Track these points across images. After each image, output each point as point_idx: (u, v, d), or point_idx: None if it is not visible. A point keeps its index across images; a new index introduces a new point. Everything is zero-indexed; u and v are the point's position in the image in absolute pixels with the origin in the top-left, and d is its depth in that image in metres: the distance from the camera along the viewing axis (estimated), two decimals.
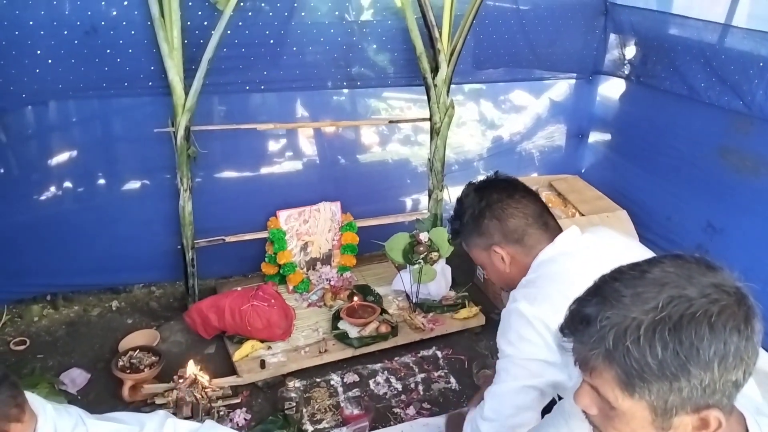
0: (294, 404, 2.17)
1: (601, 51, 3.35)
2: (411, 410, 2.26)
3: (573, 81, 3.53)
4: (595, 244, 1.54)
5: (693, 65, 2.78)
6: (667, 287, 0.83)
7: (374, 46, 2.87)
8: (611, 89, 3.46)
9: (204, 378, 2.15)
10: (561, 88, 3.61)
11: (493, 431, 1.52)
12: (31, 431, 1.24)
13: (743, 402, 0.93)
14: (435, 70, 2.77)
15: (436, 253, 2.65)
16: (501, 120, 3.64)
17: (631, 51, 3.19)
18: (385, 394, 2.34)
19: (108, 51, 2.35)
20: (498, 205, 1.57)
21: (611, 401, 0.87)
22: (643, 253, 1.49)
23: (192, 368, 2.15)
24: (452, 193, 3.18)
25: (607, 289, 0.87)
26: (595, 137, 3.59)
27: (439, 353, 2.56)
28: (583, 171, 3.56)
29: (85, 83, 2.40)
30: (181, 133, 2.45)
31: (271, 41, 2.60)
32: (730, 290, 0.83)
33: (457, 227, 1.66)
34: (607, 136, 3.54)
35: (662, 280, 0.84)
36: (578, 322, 0.87)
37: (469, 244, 1.66)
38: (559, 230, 1.59)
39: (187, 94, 2.40)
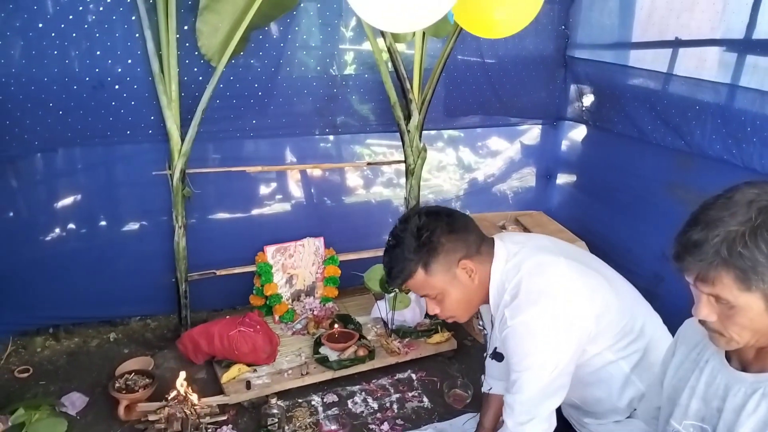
0: (276, 420, 2.36)
1: (563, 99, 3.67)
2: (385, 426, 2.43)
3: (539, 127, 3.84)
4: (522, 239, 1.78)
5: (640, 110, 3.07)
6: (753, 203, 1.06)
7: (354, 97, 3.17)
8: (574, 134, 3.76)
9: (193, 396, 2.34)
10: (531, 133, 3.91)
11: (540, 425, 1.60)
12: None
13: None
14: (408, 117, 3.07)
15: None
16: (477, 164, 3.92)
17: (588, 99, 3.50)
18: (362, 412, 2.52)
19: (113, 103, 2.64)
20: (453, 222, 1.63)
21: (731, 300, 1.08)
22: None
23: (181, 380, 2.33)
24: None
25: (705, 217, 1.09)
26: (562, 177, 3.87)
27: (413, 375, 2.75)
28: (550, 208, 3.82)
29: (91, 132, 2.67)
30: (177, 175, 2.72)
31: (260, 93, 2.90)
32: None
33: (416, 255, 1.60)
34: (572, 176, 3.82)
35: (745, 198, 1.08)
36: (691, 247, 1.08)
37: (431, 269, 1.60)
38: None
39: (183, 140, 2.68)
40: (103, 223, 2.95)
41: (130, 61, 2.60)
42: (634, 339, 1.70)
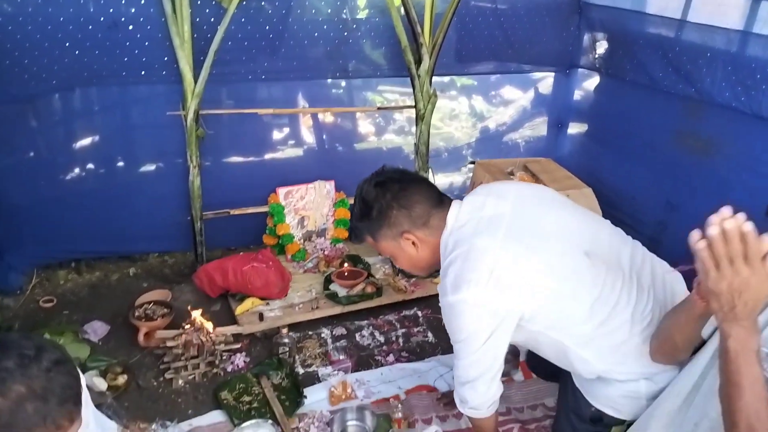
0: (287, 350, 2.49)
1: (576, 47, 3.65)
2: (391, 357, 2.56)
3: (552, 75, 3.83)
4: (479, 204, 1.65)
5: (653, 57, 3.07)
6: None
7: (365, 41, 3.19)
8: (587, 82, 3.75)
9: (208, 324, 2.47)
10: (544, 82, 3.91)
11: (479, 394, 1.66)
12: None
13: None
14: (418, 62, 3.09)
15: None
16: (489, 112, 3.94)
17: (601, 46, 3.48)
18: (369, 345, 2.65)
19: (127, 43, 2.69)
20: (402, 194, 1.65)
21: None
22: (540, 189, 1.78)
23: (197, 314, 2.46)
24: (437, 175, 3.49)
25: None
26: (573, 126, 3.89)
27: (419, 312, 2.87)
28: (561, 156, 3.85)
29: (107, 72, 2.73)
30: (190, 116, 2.78)
31: (271, 36, 2.93)
32: None
33: (363, 224, 1.70)
34: (583, 125, 3.83)
35: None
36: None
37: (378, 237, 1.70)
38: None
39: (196, 81, 2.73)
40: (121, 162, 3.05)
41: (143, 1, 2.64)
42: (599, 322, 1.58)
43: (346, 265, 3.01)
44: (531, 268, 1.54)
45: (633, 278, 1.63)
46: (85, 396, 1.33)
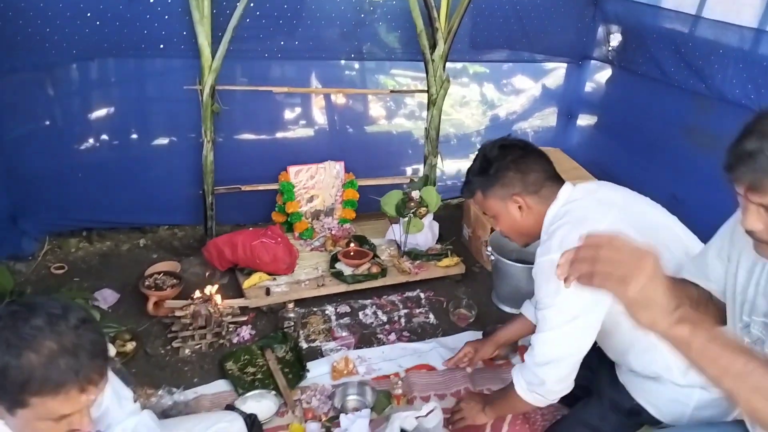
0: (292, 324, 2.55)
1: (591, 38, 3.66)
2: (392, 336, 2.61)
3: (564, 66, 3.85)
4: (593, 189, 1.79)
5: (665, 51, 3.08)
6: None
7: (381, 24, 3.21)
8: (598, 74, 3.77)
9: (217, 296, 2.52)
10: (556, 72, 3.93)
11: (561, 373, 1.65)
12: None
13: None
14: (433, 46, 3.11)
15: (424, 209, 3.00)
16: (500, 100, 3.96)
17: (615, 39, 3.50)
18: (372, 323, 2.70)
19: (147, 16, 2.72)
20: (521, 159, 1.77)
21: None
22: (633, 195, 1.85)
23: (211, 289, 2.52)
24: (446, 161, 3.53)
25: (760, 127, 1.09)
26: (583, 117, 3.91)
27: (422, 294, 2.92)
28: (570, 147, 3.87)
29: (126, 44, 2.77)
30: (207, 90, 2.82)
31: (288, 14, 2.96)
32: None
33: (479, 179, 1.81)
34: (593, 116, 3.86)
35: None
36: (745, 157, 1.08)
37: (488, 194, 1.81)
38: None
39: (213, 56, 2.77)
40: (135, 134, 3.10)
41: None
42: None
43: (352, 245, 3.06)
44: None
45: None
46: None
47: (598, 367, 1.89)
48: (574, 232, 1.59)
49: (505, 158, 1.77)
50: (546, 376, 1.67)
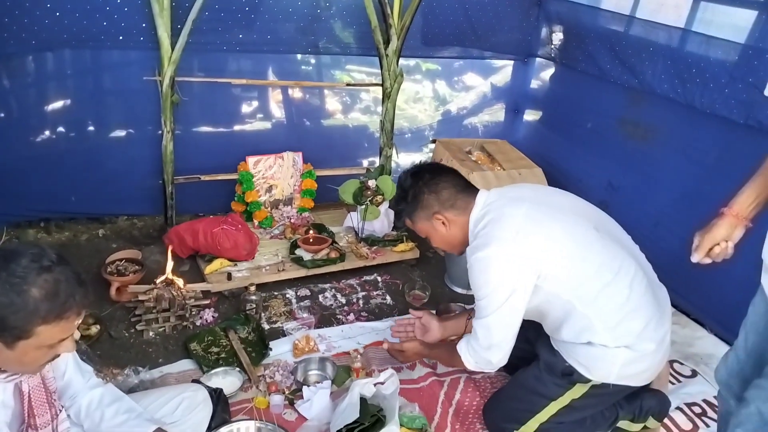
0: (254, 306, 2.64)
1: (535, 37, 3.87)
2: (351, 317, 2.74)
3: (512, 63, 4.06)
4: (505, 189, 2.03)
5: (602, 50, 3.32)
6: None
7: (336, 19, 3.33)
8: (543, 71, 3.99)
9: (179, 280, 2.60)
10: (504, 70, 4.13)
11: (502, 353, 1.90)
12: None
13: None
14: (387, 42, 3.26)
15: (381, 197, 3.14)
16: (451, 96, 4.14)
17: (557, 37, 3.72)
18: (331, 305, 2.83)
19: (107, 8, 2.76)
20: (432, 181, 1.99)
21: None
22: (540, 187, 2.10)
23: (169, 270, 2.59)
24: (400, 153, 3.67)
25: None
26: (528, 112, 4.13)
27: (378, 278, 3.06)
28: (516, 139, 4.09)
29: (86, 35, 2.80)
30: (166, 81, 2.89)
31: (246, 8, 3.05)
32: None
33: (402, 208, 2.05)
34: (538, 111, 4.08)
35: None
36: None
37: (414, 219, 2.03)
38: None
39: (173, 48, 2.83)
40: (94, 125, 3.12)
41: None
42: (604, 283, 1.82)
43: (311, 232, 3.17)
44: (550, 232, 1.84)
45: (632, 254, 1.93)
46: None
47: (536, 339, 2.09)
48: (497, 226, 1.84)
49: (418, 184, 1.99)
50: (491, 357, 1.92)
